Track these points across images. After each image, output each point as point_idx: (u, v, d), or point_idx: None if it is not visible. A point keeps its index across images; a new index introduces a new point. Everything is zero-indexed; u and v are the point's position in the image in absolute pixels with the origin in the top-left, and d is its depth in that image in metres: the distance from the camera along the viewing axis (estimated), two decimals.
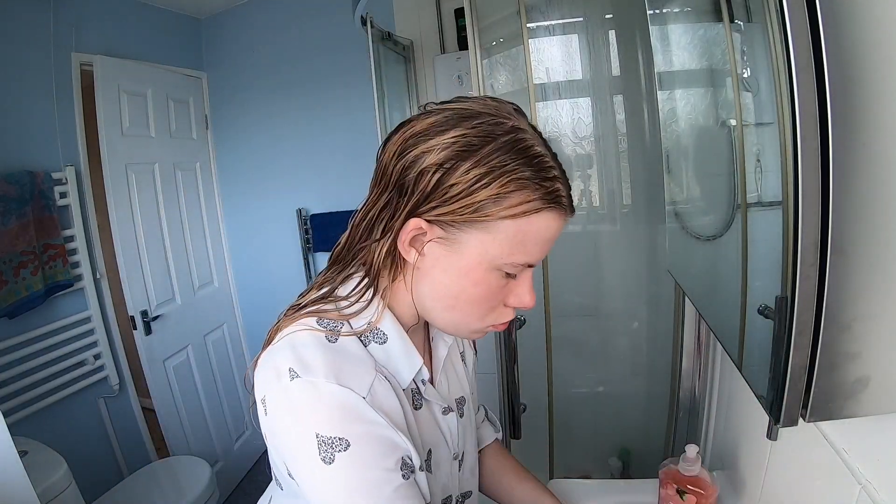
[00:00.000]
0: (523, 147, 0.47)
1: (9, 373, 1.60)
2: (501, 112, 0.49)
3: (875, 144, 0.34)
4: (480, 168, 0.45)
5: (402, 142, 0.49)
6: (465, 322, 0.53)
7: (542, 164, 0.48)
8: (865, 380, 0.38)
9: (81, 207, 1.84)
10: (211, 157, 2.45)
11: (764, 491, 0.70)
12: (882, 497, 0.43)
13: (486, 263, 0.49)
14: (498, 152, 0.46)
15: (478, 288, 0.50)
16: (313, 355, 0.48)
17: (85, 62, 1.84)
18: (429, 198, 0.47)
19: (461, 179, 0.46)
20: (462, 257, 0.49)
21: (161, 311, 2.08)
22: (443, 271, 0.50)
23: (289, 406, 0.46)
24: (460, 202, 0.46)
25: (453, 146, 0.46)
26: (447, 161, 0.46)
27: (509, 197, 0.46)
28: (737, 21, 0.55)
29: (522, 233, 0.47)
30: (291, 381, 0.46)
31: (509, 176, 0.45)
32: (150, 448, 2.12)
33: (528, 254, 0.49)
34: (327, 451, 0.44)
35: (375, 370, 0.50)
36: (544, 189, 0.47)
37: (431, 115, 0.49)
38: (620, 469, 1.64)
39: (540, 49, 1.53)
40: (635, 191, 1.59)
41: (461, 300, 0.51)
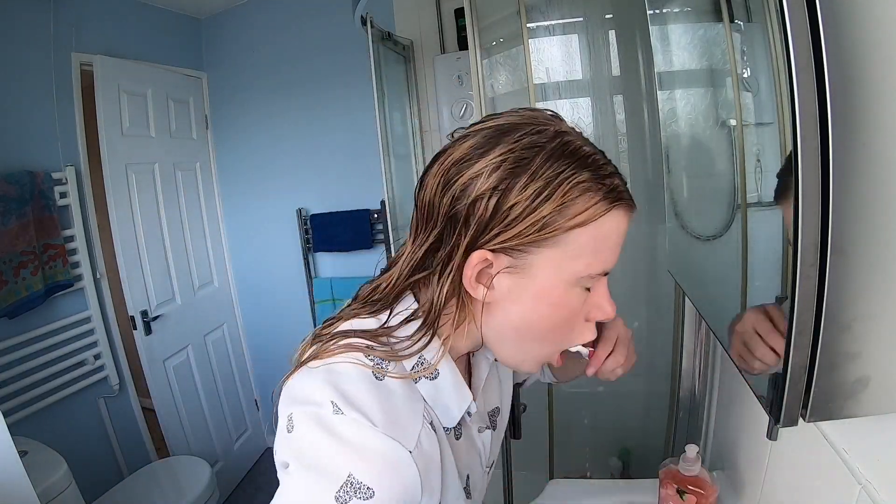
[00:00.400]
0: (573, 149, 0.44)
1: (9, 373, 1.60)
2: (540, 119, 0.46)
3: (875, 144, 0.34)
4: (537, 182, 0.42)
5: (443, 173, 0.46)
6: (540, 351, 0.50)
7: (597, 162, 0.45)
8: (865, 380, 0.38)
9: (81, 207, 1.84)
10: (211, 157, 2.45)
11: (764, 491, 0.70)
12: (882, 497, 0.43)
13: (563, 282, 0.46)
14: (550, 161, 0.43)
15: (560, 310, 0.47)
16: (359, 392, 0.43)
17: (85, 62, 1.84)
18: (488, 226, 0.44)
19: (520, 198, 0.42)
20: (536, 281, 0.46)
21: (161, 311, 2.08)
22: (517, 299, 0.47)
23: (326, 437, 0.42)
24: (524, 222, 0.43)
25: (503, 165, 0.43)
26: (500, 182, 0.43)
27: (574, 204, 0.43)
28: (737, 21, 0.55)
29: (595, 239, 0.45)
30: (334, 415, 0.42)
31: (569, 182, 0.43)
32: (150, 448, 2.12)
33: (604, 260, 0.46)
34: (348, 492, 0.40)
35: (423, 416, 0.47)
36: (606, 188, 0.44)
37: (467, 138, 0.46)
38: (620, 469, 1.64)
39: (540, 49, 1.53)
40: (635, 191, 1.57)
41: (541, 328, 0.48)
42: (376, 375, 0.45)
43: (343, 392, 0.43)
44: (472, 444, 0.57)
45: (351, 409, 0.42)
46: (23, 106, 1.67)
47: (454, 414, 0.51)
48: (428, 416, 0.48)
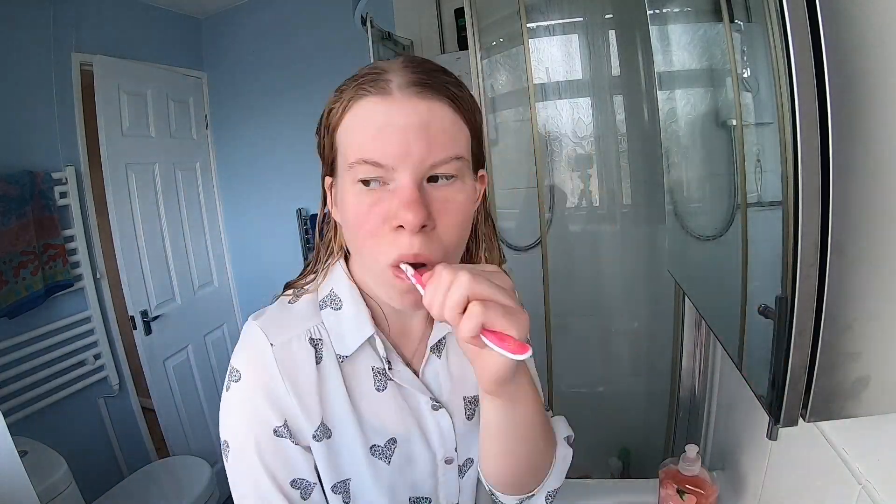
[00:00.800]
0: (358, 73, 0.49)
1: (9, 373, 1.60)
2: (376, 64, 0.51)
3: (875, 144, 0.34)
4: (330, 105, 0.50)
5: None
6: (365, 263, 0.49)
7: (362, 71, 0.48)
8: (865, 380, 0.38)
9: (81, 207, 1.84)
10: (211, 157, 2.45)
11: (764, 491, 0.70)
12: (882, 497, 0.43)
13: (345, 182, 0.47)
14: (341, 89, 0.49)
15: (348, 210, 0.46)
16: (269, 308, 0.55)
17: (85, 62, 1.84)
18: (322, 153, 0.53)
19: (321, 119, 0.51)
20: (337, 188, 0.50)
21: (161, 311, 2.08)
22: (339, 212, 0.51)
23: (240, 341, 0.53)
24: (325, 137, 0.50)
25: (328, 102, 0.51)
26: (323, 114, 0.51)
27: (332, 110, 0.49)
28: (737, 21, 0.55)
29: (347, 132, 0.47)
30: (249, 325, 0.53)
31: (334, 95, 0.49)
32: (150, 448, 2.12)
33: (357, 150, 0.44)
34: (229, 379, 0.51)
35: (307, 330, 0.52)
36: (354, 83, 0.47)
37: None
38: (620, 469, 1.64)
39: (540, 49, 1.53)
40: (635, 191, 1.59)
41: (350, 234, 0.48)
42: (290, 300, 0.56)
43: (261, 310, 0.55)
44: (406, 410, 0.54)
45: (256, 317, 0.53)
46: (23, 106, 1.67)
47: (348, 343, 0.52)
48: (316, 335, 0.53)
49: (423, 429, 0.55)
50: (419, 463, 0.56)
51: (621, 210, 1.63)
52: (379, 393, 0.53)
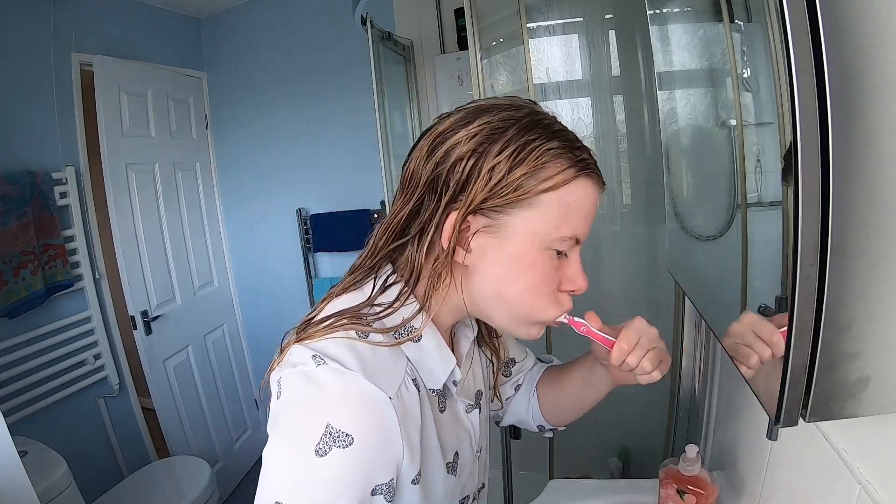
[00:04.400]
0: (545, 123, 0.48)
1: (9, 373, 1.60)
2: (517, 101, 0.51)
3: (875, 144, 0.34)
4: (511, 146, 0.46)
5: (428, 144, 0.50)
6: (524, 313, 0.51)
7: (567, 136, 0.49)
8: (865, 380, 0.38)
9: (81, 207, 1.84)
10: (211, 157, 2.45)
11: (764, 491, 0.70)
12: (882, 497, 0.43)
13: (536, 243, 0.48)
14: (524, 130, 0.47)
15: (532, 271, 0.49)
16: (340, 349, 0.45)
17: (85, 62, 1.84)
18: (465, 187, 0.47)
19: (495, 161, 0.46)
20: (511, 242, 0.48)
21: (161, 311, 2.08)
22: (494, 262, 0.49)
23: (308, 388, 0.43)
24: (499, 184, 0.46)
25: (480, 133, 0.47)
26: (478, 146, 0.47)
27: (545, 169, 0.47)
28: (737, 21, 0.55)
29: (565, 204, 0.48)
30: (317, 367, 0.44)
31: (540, 149, 0.46)
32: (150, 448, 2.12)
33: (574, 226, 0.49)
34: (328, 442, 0.41)
35: (405, 371, 0.49)
36: (575, 157, 0.48)
37: (451, 115, 0.50)
38: (620, 469, 1.64)
39: (540, 49, 1.53)
40: (635, 191, 1.59)
41: (517, 289, 0.50)
42: (358, 334, 0.48)
43: (323, 349, 0.46)
44: (458, 422, 0.58)
45: (332, 360, 0.44)
46: (23, 106, 1.67)
47: (438, 376, 0.53)
48: (411, 374, 0.50)
49: (468, 432, 0.59)
50: (467, 466, 0.59)
51: (621, 210, 1.63)
52: (442, 413, 0.55)
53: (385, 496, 0.45)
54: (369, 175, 2.06)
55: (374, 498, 0.44)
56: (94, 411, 1.90)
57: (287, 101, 2.24)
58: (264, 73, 2.27)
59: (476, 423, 0.60)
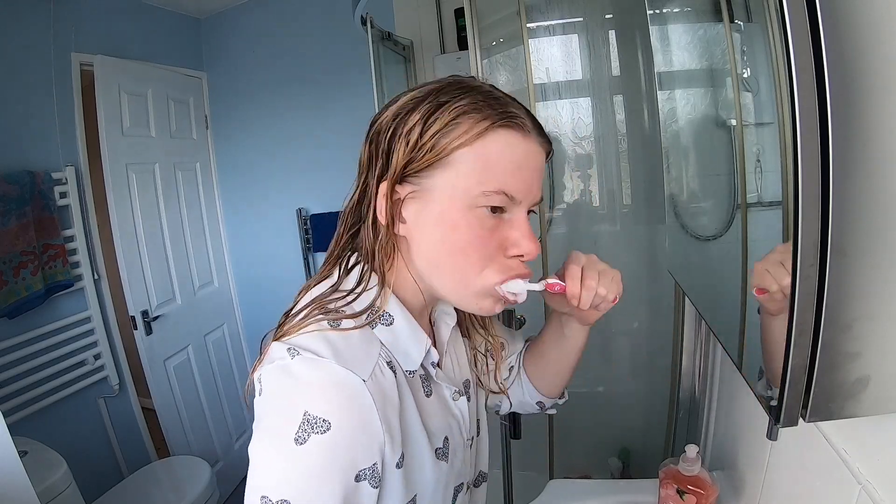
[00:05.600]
0: (466, 84, 0.48)
1: (9, 373, 1.60)
2: (457, 78, 0.50)
3: (875, 144, 0.34)
4: (424, 109, 0.46)
5: (367, 130, 0.52)
6: (466, 281, 0.49)
7: (491, 94, 0.48)
8: (865, 380, 0.38)
9: (81, 207, 1.84)
10: (211, 157, 2.45)
11: (764, 491, 0.70)
12: (882, 497, 0.43)
13: (458, 202, 0.47)
14: (441, 93, 0.47)
15: (461, 233, 0.47)
16: (313, 340, 0.46)
17: (85, 62, 1.84)
18: (389, 158, 0.48)
19: (412, 127, 0.46)
20: (435, 203, 0.47)
21: (161, 311, 2.08)
22: (424, 227, 0.49)
23: (285, 380, 0.44)
24: (415, 147, 0.46)
25: (404, 105, 0.48)
26: (397, 116, 0.48)
27: (458, 126, 0.46)
28: (737, 21, 0.55)
29: (482, 157, 0.46)
30: (291, 359, 0.44)
31: (451, 105, 0.46)
32: (150, 448, 2.12)
33: (499, 181, 0.46)
34: (306, 430, 0.41)
35: (379, 355, 0.48)
36: (493, 110, 0.46)
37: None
38: (620, 469, 1.64)
39: (540, 49, 1.53)
40: (635, 191, 1.59)
41: (448, 252, 0.48)
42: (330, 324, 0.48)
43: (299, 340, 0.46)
44: (447, 408, 0.57)
45: (305, 350, 0.45)
46: (23, 106, 1.67)
47: (414, 357, 0.52)
48: (385, 357, 0.49)
49: (456, 419, 0.58)
50: (459, 452, 0.58)
51: (621, 210, 1.63)
52: (427, 398, 0.54)
53: (370, 481, 0.44)
54: None
55: (359, 484, 0.43)
56: (94, 411, 1.90)
57: (287, 101, 2.24)
58: (264, 73, 2.27)
59: (465, 410, 0.60)
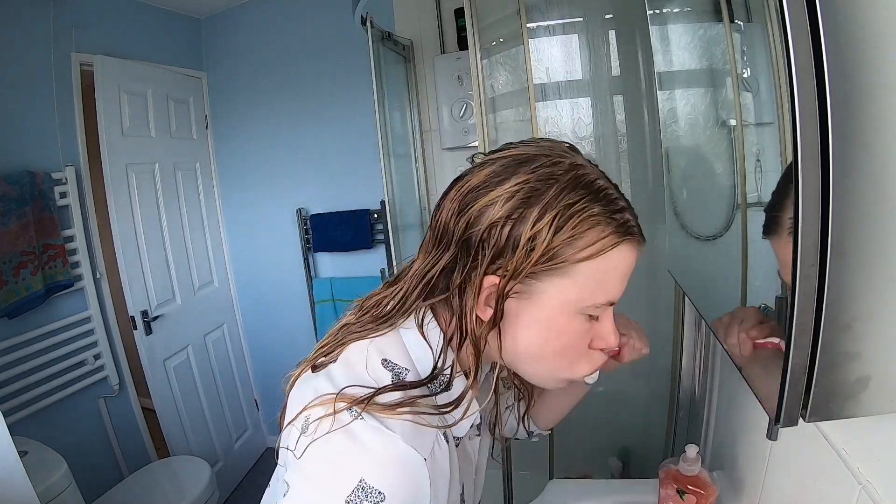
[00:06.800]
0: (587, 182, 0.46)
1: (9, 373, 1.60)
2: (556, 151, 0.48)
3: (875, 144, 0.34)
4: (550, 212, 0.44)
5: (460, 198, 0.47)
6: (554, 373, 0.52)
7: (609, 196, 0.46)
8: (865, 380, 0.38)
9: (81, 207, 1.84)
10: (211, 157, 2.45)
11: (764, 491, 0.70)
12: (882, 497, 0.43)
13: (568, 310, 0.47)
14: (564, 192, 0.44)
15: (563, 337, 0.49)
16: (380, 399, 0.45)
17: (85, 62, 1.84)
18: (502, 253, 0.45)
19: (533, 229, 0.44)
20: (542, 308, 0.47)
21: (161, 311, 2.08)
22: (525, 326, 0.48)
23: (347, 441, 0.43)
24: (535, 252, 0.44)
25: (517, 194, 0.44)
26: (514, 211, 0.44)
27: (584, 237, 0.45)
28: (737, 21, 0.55)
29: (601, 271, 0.46)
30: (352, 419, 0.43)
31: (580, 215, 0.44)
32: (150, 448, 2.12)
33: (609, 292, 0.48)
34: (359, 496, 0.41)
35: (437, 425, 0.48)
36: (616, 222, 0.46)
37: (485, 166, 0.48)
38: (620, 469, 1.64)
39: (540, 49, 1.53)
40: (635, 191, 1.59)
41: (547, 353, 0.50)
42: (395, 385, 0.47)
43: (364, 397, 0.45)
44: (465, 453, 0.58)
45: (371, 415, 0.44)
46: (23, 106, 1.67)
47: (465, 426, 0.52)
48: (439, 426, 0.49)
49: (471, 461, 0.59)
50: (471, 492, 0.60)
51: None
52: (456, 447, 0.54)
53: None
54: (369, 175, 2.06)
55: None
56: (94, 411, 1.90)
57: (287, 100, 2.24)
58: (264, 73, 2.27)
59: (477, 448, 0.61)
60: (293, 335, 2.47)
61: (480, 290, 0.47)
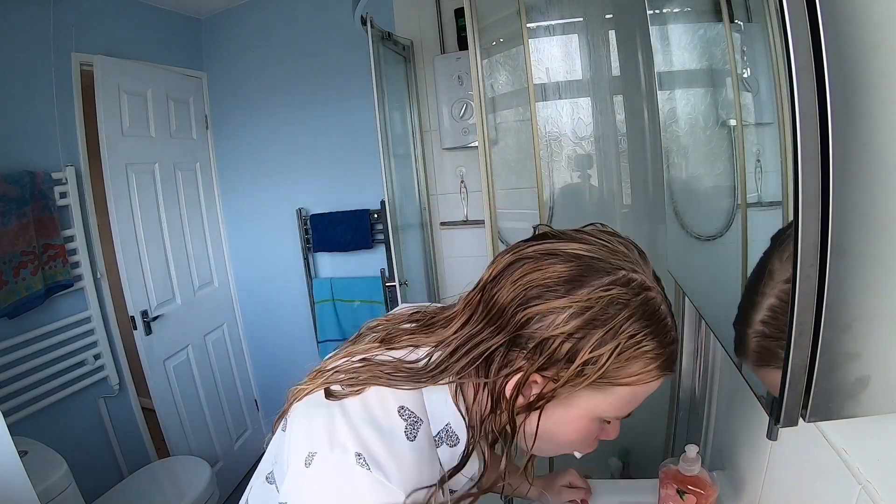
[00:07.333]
0: (652, 311, 0.46)
1: (9, 373, 1.60)
2: (629, 262, 0.48)
3: (875, 144, 0.34)
4: (613, 341, 0.45)
5: (524, 286, 0.47)
6: (555, 451, 0.57)
7: (666, 327, 0.48)
8: (865, 380, 0.38)
9: (81, 207, 1.84)
10: (211, 157, 2.45)
11: (764, 491, 0.71)
12: (882, 497, 0.43)
13: (591, 416, 0.51)
14: (630, 321, 0.45)
15: (578, 435, 0.52)
16: (389, 453, 0.45)
17: (85, 62, 1.84)
18: (555, 360, 0.46)
19: (591, 353, 0.45)
20: (570, 410, 0.50)
21: (161, 311, 2.08)
22: (547, 416, 0.50)
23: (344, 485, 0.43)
24: (585, 370, 0.46)
25: (586, 314, 0.45)
26: (578, 331, 0.45)
27: (633, 366, 0.46)
28: (737, 21, 0.55)
29: (634, 394, 0.49)
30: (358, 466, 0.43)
31: (638, 348, 0.46)
32: (150, 448, 2.12)
33: (632, 408, 0.51)
34: None
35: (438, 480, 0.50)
36: (664, 357, 0.48)
37: (557, 259, 0.47)
38: (620, 469, 1.64)
39: (540, 49, 1.53)
40: (635, 191, 1.59)
41: (560, 442, 0.54)
42: (408, 434, 0.48)
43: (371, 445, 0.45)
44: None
45: (377, 466, 0.44)
46: (23, 106, 1.67)
47: (462, 481, 0.54)
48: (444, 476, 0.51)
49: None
50: None
51: (621, 210, 1.62)
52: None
53: None
54: (369, 175, 2.06)
55: None
56: (94, 411, 1.90)
57: (287, 100, 2.24)
58: (264, 73, 2.27)
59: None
60: (293, 335, 2.47)
61: (526, 385, 0.48)
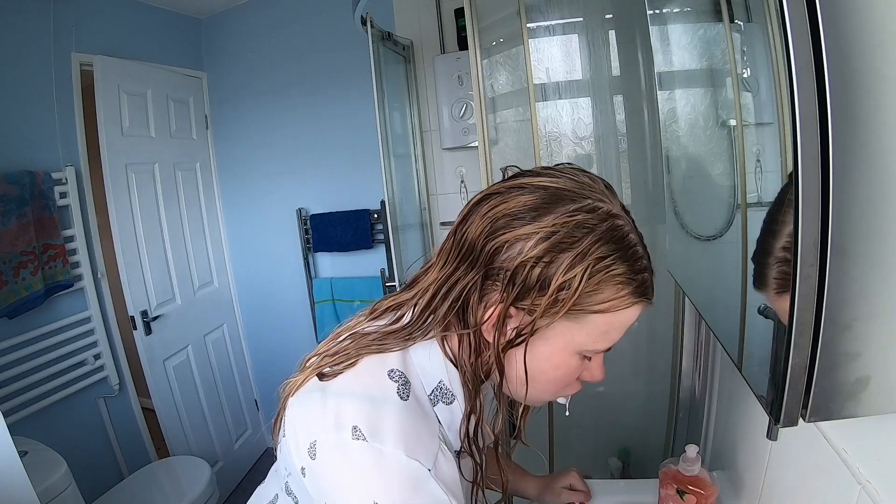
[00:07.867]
0: (620, 237, 0.47)
1: (9, 373, 1.60)
2: (595, 193, 0.48)
3: (875, 144, 0.34)
4: (581, 264, 0.45)
5: (491, 220, 0.47)
6: (540, 395, 0.55)
7: (636, 254, 0.48)
8: (865, 380, 0.38)
9: (81, 207, 1.84)
10: (211, 157, 2.45)
11: (764, 491, 0.71)
12: (882, 497, 0.43)
13: (569, 350, 0.50)
14: (597, 244, 0.45)
15: (558, 371, 0.52)
16: (384, 417, 0.46)
17: (85, 62, 1.84)
18: (529, 291, 0.46)
19: (561, 277, 0.45)
20: (547, 343, 0.49)
21: (161, 311, 2.08)
22: (530, 356, 0.50)
23: (347, 465, 0.44)
24: (556, 298, 0.46)
25: (552, 237, 0.45)
26: (546, 254, 0.45)
27: (603, 292, 0.46)
28: (737, 21, 0.55)
29: (609, 324, 0.48)
30: (355, 440, 0.44)
31: (607, 272, 0.46)
32: (150, 448, 2.12)
33: (611, 341, 0.50)
34: None
35: (439, 437, 0.49)
36: (635, 283, 0.47)
37: (523, 192, 0.47)
38: (620, 469, 1.64)
39: (540, 49, 1.53)
40: (635, 191, 1.59)
41: (540, 381, 0.52)
42: (400, 394, 0.49)
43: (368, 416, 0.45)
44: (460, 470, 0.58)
45: (374, 435, 0.44)
46: (23, 106, 1.67)
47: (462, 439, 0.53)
48: (442, 437, 0.51)
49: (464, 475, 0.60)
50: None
51: None
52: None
53: None
54: (369, 175, 2.06)
55: None
56: (94, 411, 1.90)
57: (287, 100, 2.24)
58: (264, 73, 2.27)
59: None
60: (293, 335, 2.47)
61: (504, 321, 0.48)
